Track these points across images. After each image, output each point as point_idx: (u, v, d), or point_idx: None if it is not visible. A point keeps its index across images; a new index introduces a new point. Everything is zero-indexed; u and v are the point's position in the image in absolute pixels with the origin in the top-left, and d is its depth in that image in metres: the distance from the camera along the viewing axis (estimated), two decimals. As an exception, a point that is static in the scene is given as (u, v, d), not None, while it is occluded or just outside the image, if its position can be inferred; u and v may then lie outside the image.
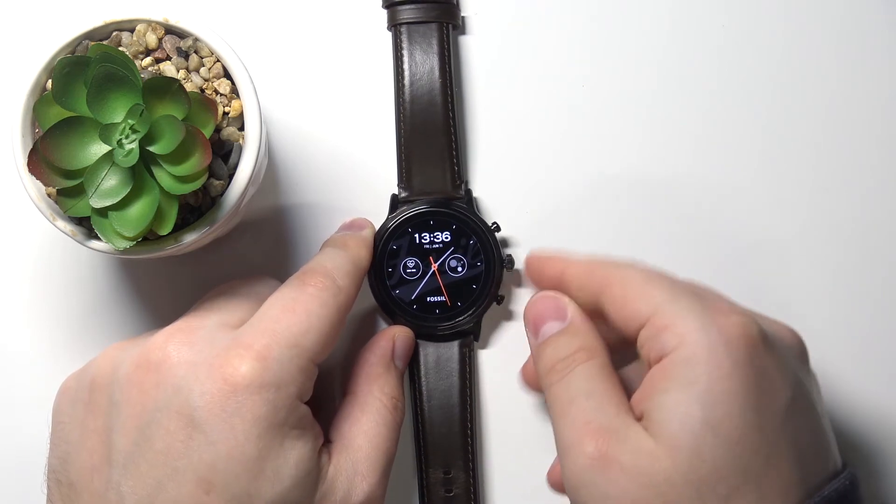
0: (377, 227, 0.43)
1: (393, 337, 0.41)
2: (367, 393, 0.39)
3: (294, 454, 0.35)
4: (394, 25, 0.44)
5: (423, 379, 0.43)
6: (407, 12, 0.43)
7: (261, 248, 0.44)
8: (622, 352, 0.39)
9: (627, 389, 0.36)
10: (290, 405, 0.35)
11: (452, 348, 0.43)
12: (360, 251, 0.41)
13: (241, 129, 0.38)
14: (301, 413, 0.35)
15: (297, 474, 0.35)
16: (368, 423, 0.38)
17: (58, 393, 0.38)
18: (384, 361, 0.41)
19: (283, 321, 0.35)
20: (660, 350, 0.34)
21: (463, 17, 0.45)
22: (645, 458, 0.33)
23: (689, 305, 0.34)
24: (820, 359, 0.44)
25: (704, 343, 0.33)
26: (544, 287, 0.41)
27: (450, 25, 0.44)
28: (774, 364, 0.34)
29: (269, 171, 0.44)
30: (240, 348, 0.34)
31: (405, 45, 0.43)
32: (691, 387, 0.33)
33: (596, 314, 0.38)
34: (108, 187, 0.34)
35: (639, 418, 0.34)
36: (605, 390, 0.35)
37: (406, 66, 0.43)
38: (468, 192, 0.44)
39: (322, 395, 0.38)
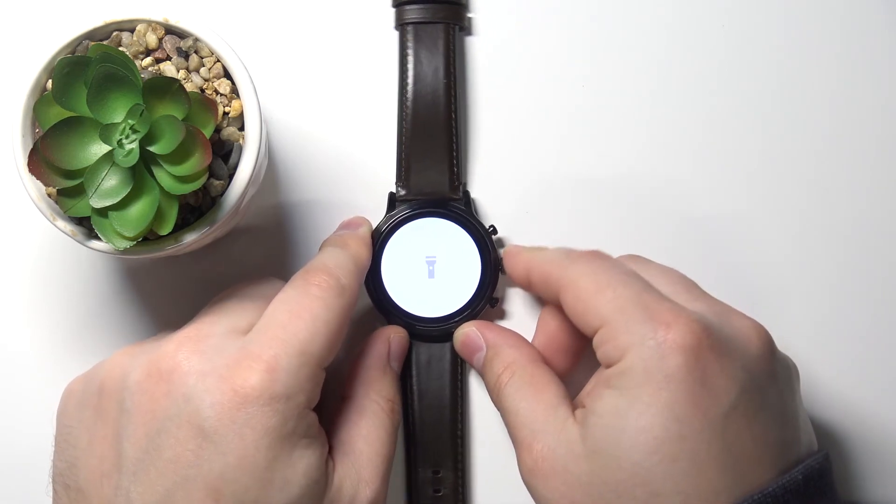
0: (374, 225, 0.43)
1: (388, 338, 0.41)
2: (364, 397, 0.39)
3: (303, 463, 0.35)
4: (401, 25, 0.44)
5: (414, 379, 0.43)
6: (414, 12, 0.43)
7: (261, 248, 0.44)
8: None
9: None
10: (299, 414, 0.35)
11: (445, 349, 0.43)
12: (359, 249, 0.41)
13: (241, 129, 0.38)
14: (309, 421, 0.35)
15: (305, 483, 0.35)
16: (367, 428, 0.38)
17: (63, 395, 0.38)
18: (380, 364, 0.41)
19: (290, 328, 0.35)
20: (606, 359, 0.36)
21: (469, 18, 0.45)
22: (572, 461, 0.35)
23: (634, 317, 0.35)
24: (813, 354, 0.44)
25: (641, 357, 0.34)
26: (518, 281, 0.42)
27: (456, 26, 0.44)
28: (719, 368, 0.34)
29: (270, 170, 0.44)
30: (249, 359, 0.34)
31: (411, 44, 0.43)
32: (621, 397, 0.34)
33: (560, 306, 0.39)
34: (108, 187, 0.34)
35: (581, 405, 0.36)
36: (532, 399, 0.38)
37: (411, 66, 0.43)
38: (466, 193, 0.44)
39: (321, 399, 0.38)
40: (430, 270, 0.43)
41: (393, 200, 0.44)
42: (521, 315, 0.45)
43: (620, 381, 0.35)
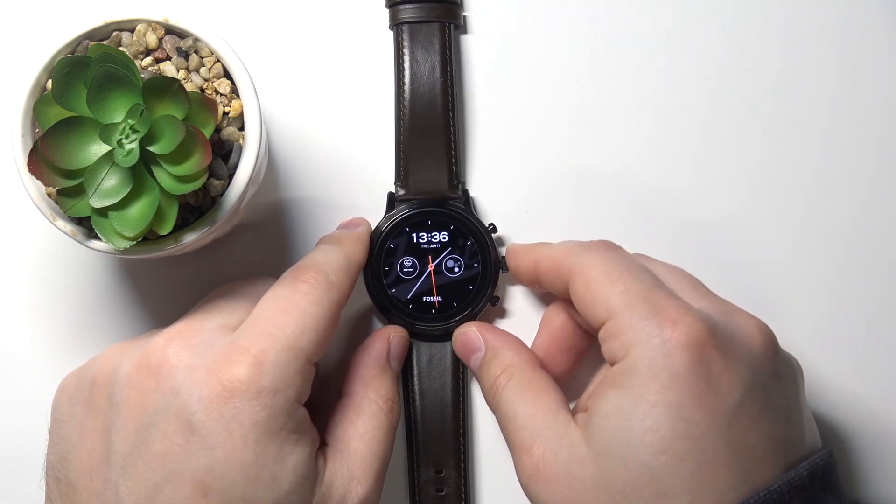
0: (375, 224, 0.43)
1: (388, 338, 0.42)
2: (363, 395, 0.39)
3: (292, 459, 0.35)
4: (396, 24, 0.44)
5: (416, 378, 0.43)
6: (409, 12, 0.43)
7: (261, 247, 0.45)
8: None
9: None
10: (288, 409, 0.35)
11: (446, 348, 0.43)
12: (354, 247, 0.41)
13: (241, 129, 0.38)
14: (299, 417, 0.35)
15: (294, 479, 0.35)
16: (364, 426, 0.38)
17: (57, 390, 0.38)
18: (379, 363, 0.41)
19: (279, 323, 0.35)
20: (611, 355, 0.36)
21: (464, 17, 0.45)
22: (576, 464, 0.35)
23: (641, 314, 0.35)
24: (815, 354, 0.44)
25: (646, 355, 0.34)
26: (525, 280, 0.42)
27: (451, 25, 0.44)
28: (724, 367, 0.34)
29: (269, 170, 0.44)
30: (237, 353, 0.34)
31: (406, 44, 0.43)
32: (626, 397, 0.34)
33: (569, 299, 0.39)
34: (108, 187, 0.34)
35: (584, 409, 0.36)
36: (533, 401, 0.38)
37: (407, 66, 0.43)
38: (465, 192, 0.44)
39: (318, 397, 0.38)
40: (430, 269, 0.43)
41: (392, 200, 0.44)
42: (521, 314, 0.45)
43: (625, 379, 0.34)
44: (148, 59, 0.38)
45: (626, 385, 0.34)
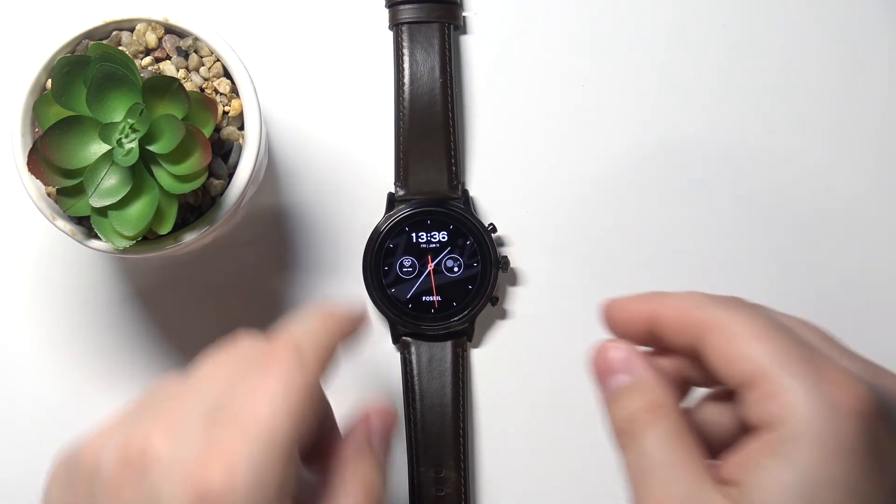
0: (375, 224, 0.43)
1: (367, 416, 0.37)
2: (339, 486, 0.36)
3: None
4: (395, 25, 0.44)
5: (416, 378, 0.43)
6: (408, 12, 0.43)
7: (260, 247, 0.45)
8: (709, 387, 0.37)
9: (707, 431, 0.35)
10: None
11: (445, 348, 0.43)
12: (337, 318, 0.37)
13: (241, 128, 0.38)
14: None
15: None
16: None
17: (50, 476, 0.36)
18: (358, 446, 0.37)
19: (249, 411, 0.33)
20: (763, 418, 0.32)
21: (464, 17, 0.45)
22: None
23: (799, 372, 0.32)
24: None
25: (810, 420, 0.31)
26: (626, 330, 0.37)
27: (451, 26, 0.44)
28: (887, 437, 0.32)
29: (269, 170, 0.44)
30: (210, 452, 0.32)
31: (406, 44, 0.43)
32: (791, 468, 0.31)
33: (689, 356, 0.35)
34: (107, 187, 0.34)
35: (728, 482, 0.33)
36: (682, 456, 0.34)
37: (407, 66, 0.43)
38: (465, 192, 0.44)
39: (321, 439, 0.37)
40: (429, 269, 0.43)
41: (392, 200, 0.44)
42: (521, 315, 0.45)
43: (787, 448, 0.31)
44: (148, 59, 0.38)
45: (790, 455, 0.31)
